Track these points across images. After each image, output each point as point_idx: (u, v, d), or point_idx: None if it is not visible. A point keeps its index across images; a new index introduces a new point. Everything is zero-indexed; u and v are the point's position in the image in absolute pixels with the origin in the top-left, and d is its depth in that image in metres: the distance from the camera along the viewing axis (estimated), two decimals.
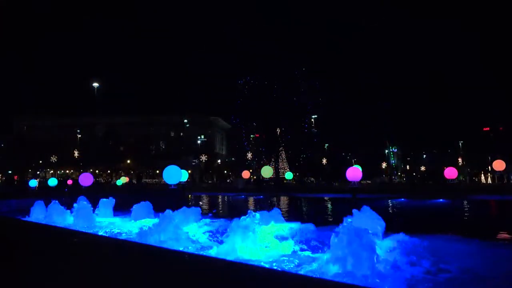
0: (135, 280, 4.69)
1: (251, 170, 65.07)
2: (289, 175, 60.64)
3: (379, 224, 8.07)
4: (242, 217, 7.80)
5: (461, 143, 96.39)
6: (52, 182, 40.03)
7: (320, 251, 7.67)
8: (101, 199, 15.02)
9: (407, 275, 6.07)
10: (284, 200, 27.81)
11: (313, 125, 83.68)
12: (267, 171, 41.47)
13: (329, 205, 23.64)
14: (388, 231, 8.28)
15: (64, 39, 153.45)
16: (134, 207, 13.55)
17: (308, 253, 7.77)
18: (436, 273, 6.24)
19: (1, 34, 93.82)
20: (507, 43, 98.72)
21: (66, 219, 13.62)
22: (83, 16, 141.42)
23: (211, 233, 10.22)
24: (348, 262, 5.74)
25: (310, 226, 9.31)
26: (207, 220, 12.29)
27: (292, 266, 6.86)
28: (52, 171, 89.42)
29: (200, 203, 26.13)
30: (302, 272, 6.32)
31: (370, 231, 6.32)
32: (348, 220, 6.92)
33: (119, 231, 11.58)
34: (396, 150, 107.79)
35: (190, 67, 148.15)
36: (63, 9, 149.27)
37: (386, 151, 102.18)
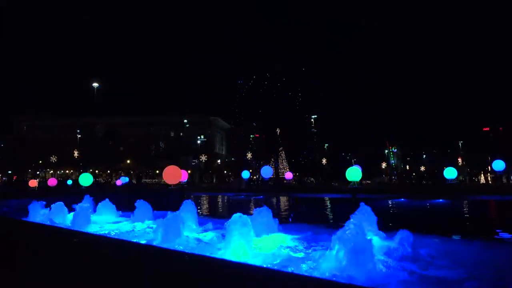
0: (135, 280, 4.70)
1: (251, 170, 65.03)
2: (289, 175, 60.59)
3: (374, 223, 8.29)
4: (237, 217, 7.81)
5: (461, 143, 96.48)
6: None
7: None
8: (103, 201, 15.07)
9: (406, 275, 6.09)
10: (283, 200, 27.81)
11: (313, 125, 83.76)
12: (267, 171, 41.44)
13: (328, 206, 23.63)
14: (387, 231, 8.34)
15: (64, 39, 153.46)
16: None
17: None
18: (435, 272, 6.24)
19: (1, 34, 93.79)
20: (507, 43, 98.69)
21: (66, 219, 13.61)
22: (83, 16, 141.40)
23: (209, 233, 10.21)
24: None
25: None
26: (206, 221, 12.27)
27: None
28: (52, 171, 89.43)
29: (199, 203, 26.11)
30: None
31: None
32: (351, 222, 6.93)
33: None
34: (396, 150, 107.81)
35: (190, 67, 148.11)
36: (63, 9, 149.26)
37: (386, 151, 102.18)
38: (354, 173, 22.71)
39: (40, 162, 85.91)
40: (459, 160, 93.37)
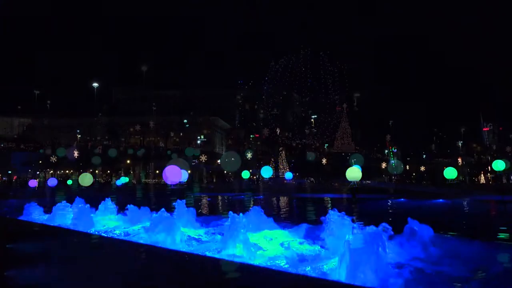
0: (135, 280, 4.70)
1: (251, 170, 65.07)
2: (289, 175, 60.62)
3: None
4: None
5: (461, 143, 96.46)
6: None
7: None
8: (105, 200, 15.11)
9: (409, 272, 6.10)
10: (283, 200, 27.82)
11: (313, 125, 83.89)
12: (267, 171, 41.47)
13: (329, 205, 23.64)
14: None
15: (64, 39, 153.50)
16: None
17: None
18: (437, 272, 6.25)
19: (1, 34, 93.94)
20: (507, 43, 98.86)
21: (66, 219, 13.59)
22: (83, 16, 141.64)
23: (207, 234, 10.23)
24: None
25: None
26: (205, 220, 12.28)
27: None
28: (52, 171, 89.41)
29: (199, 203, 26.12)
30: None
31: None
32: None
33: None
34: (396, 150, 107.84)
35: (190, 66, 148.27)
36: (63, 9, 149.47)
37: (386, 151, 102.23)
38: (354, 173, 22.70)
39: (40, 162, 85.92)
40: (459, 160, 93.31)
